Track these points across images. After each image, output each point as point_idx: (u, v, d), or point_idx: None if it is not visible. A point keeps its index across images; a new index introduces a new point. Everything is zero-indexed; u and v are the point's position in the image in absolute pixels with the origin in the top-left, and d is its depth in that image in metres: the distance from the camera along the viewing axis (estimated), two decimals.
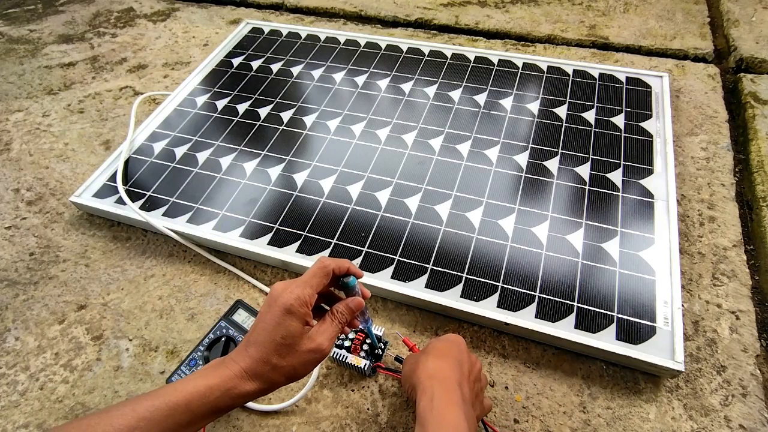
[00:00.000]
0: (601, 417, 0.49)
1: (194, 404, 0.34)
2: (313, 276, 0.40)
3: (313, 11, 1.10)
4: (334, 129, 0.76)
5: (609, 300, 0.54)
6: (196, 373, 0.37)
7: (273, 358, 0.36)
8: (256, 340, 0.37)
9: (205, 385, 0.35)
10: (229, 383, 0.36)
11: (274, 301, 0.38)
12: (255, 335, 0.37)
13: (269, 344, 0.36)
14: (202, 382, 0.35)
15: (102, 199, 0.69)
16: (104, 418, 0.32)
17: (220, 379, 0.36)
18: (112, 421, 0.32)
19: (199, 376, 0.36)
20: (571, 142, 0.71)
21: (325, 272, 0.40)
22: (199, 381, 0.35)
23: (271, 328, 0.37)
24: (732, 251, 0.61)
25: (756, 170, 0.68)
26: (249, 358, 0.37)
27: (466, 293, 0.56)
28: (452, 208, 0.64)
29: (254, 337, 0.37)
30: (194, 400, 0.34)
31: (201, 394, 0.35)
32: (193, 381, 0.35)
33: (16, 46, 1.05)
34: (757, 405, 0.49)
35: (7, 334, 0.59)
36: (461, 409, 0.37)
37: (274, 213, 0.65)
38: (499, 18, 1.01)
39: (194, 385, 0.35)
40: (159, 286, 0.62)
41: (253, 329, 0.38)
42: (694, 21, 0.96)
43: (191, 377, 0.36)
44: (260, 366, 0.36)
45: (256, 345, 0.37)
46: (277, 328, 0.37)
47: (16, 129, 0.86)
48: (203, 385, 0.35)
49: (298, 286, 0.38)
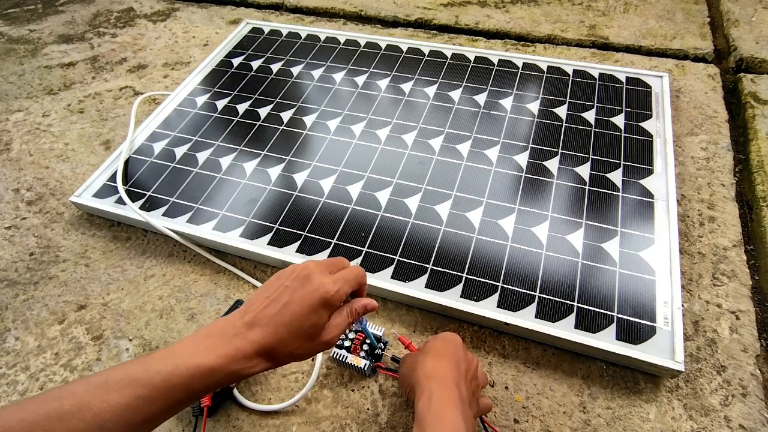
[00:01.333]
0: (601, 417, 0.49)
1: (195, 384, 0.32)
2: (354, 278, 0.39)
3: (313, 11, 1.10)
4: (334, 129, 0.76)
5: (609, 300, 0.54)
6: (199, 344, 0.34)
7: (293, 344, 0.35)
8: (281, 320, 0.35)
9: (209, 366, 0.33)
10: (236, 365, 0.34)
11: (310, 284, 0.36)
12: (280, 315, 0.35)
13: (294, 330, 0.35)
14: (205, 362, 0.33)
15: (102, 199, 0.69)
16: (100, 392, 0.31)
17: (227, 360, 0.33)
18: (109, 397, 0.30)
19: (202, 352, 0.33)
20: (571, 142, 0.71)
21: (362, 282, 0.40)
22: (202, 359, 0.33)
23: (302, 314, 0.35)
24: (732, 251, 0.61)
25: (756, 170, 0.68)
26: (265, 339, 0.34)
27: (466, 293, 0.56)
28: (452, 208, 0.64)
29: (278, 317, 0.35)
30: (195, 380, 0.32)
31: (203, 374, 0.33)
32: (196, 357, 0.33)
33: (16, 46, 1.05)
34: (757, 405, 0.49)
35: (7, 334, 0.59)
36: (459, 409, 0.37)
37: (274, 213, 0.65)
38: (499, 18, 1.01)
39: (197, 365, 0.33)
40: (159, 286, 0.62)
41: (274, 302, 0.36)
42: (694, 21, 0.96)
43: (193, 349, 0.34)
44: (277, 349, 0.35)
45: (277, 326, 0.35)
46: (308, 316, 0.35)
47: (16, 129, 0.86)
48: (206, 366, 0.33)
49: (339, 281, 0.37)
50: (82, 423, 0.29)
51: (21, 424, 0.28)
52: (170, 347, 0.34)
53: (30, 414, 0.29)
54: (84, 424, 0.29)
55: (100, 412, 0.30)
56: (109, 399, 0.30)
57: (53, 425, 0.29)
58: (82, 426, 0.29)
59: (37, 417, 0.29)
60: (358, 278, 0.40)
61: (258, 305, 0.36)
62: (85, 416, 0.29)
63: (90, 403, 0.30)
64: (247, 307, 0.37)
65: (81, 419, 0.29)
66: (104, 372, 0.32)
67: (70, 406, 0.30)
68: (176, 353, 0.33)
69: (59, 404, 0.30)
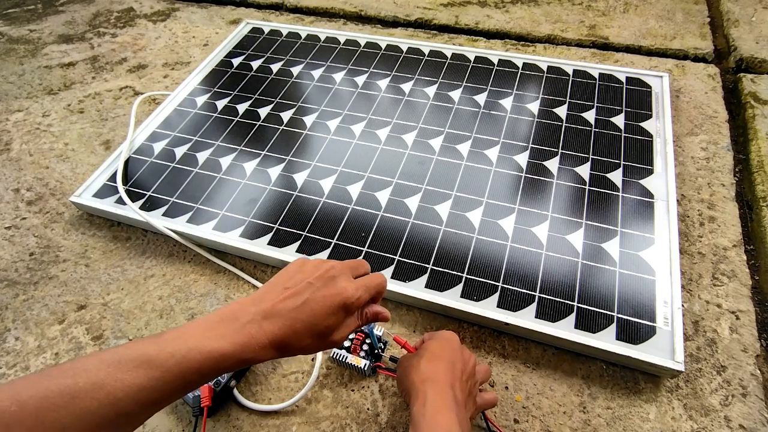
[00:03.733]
0: (601, 417, 0.49)
1: (206, 369, 0.32)
2: (375, 286, 0.40)
3: (313, 11, 1.10)
4: (334, 129, 0.76)
5: (609, 300, 0.54)
6: (211, 328, 0.34)
7: (306, 340, 0.36)
8: (299, 316, 0.35)
9: (221, 353, 0.33)
10: (249, 353, 0.34)
11: (334, 286, 0.37)
12: (298, 311, 0.35)
13: (310, 328, 0.35)
14: (218, 348, 0.33)
15: (102, 199, 0.69)
16: (113, 371, 0.30)
17: (240, 347, 0.33)
18: (123, 376, 0.30)
19: (215, 337, 0.33)
20: (571, 142, 0.71)
21: (381, 291, 0.41)
22: (215, 344, 0.33)
23: (321, 315, 0.36)
24: (732, 251, 0.61)
25: (756, 170, 0.68)
26: (281, 331, 0.35)
27: (466, 293, 0.56)
28: (452, 208, 0.64)
29: (296, 312, 0.35)
30: (207, 365, 0.32)
31: (216, 359, 0.32)
32: (209, 342, 0.33)
33: (16, 46, 1.05)
34: (757, 405, 0.49)
35: (7, 334, 0.59)
36: (453, 412, 0.37)
37: (274, 213, 0.65)
38: (499, 18, 1.01)
39: (209, 350, 0.32)
40: (159, 286, 0.62)
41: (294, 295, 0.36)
42: (694, 21, 0.96)
43: (206, 333, 0.33)
44: (290, 343, 0.35)
45: (294, 321, 0.35)
46: (327, 317, 0.36)
47: (16, 129, 0.86)
48: (219, 352, 0.33)
49: (360, 288, 0.38)
50: (95, 402, 0.29)
51: (33, 400, 0.28)
52: (182, 328, 0.34)
53: (43, 390, 0.29)
54: (97, 403, 0.29)
55: (113, 390, 0.30)
56: (123, 378, 0.30)
57: (66, 403, 0.28)
58: (95, 405, 0.29)
59: (50, 393, 0.28)
60: (378, 287, 0.41)
61: (275, 296, 0.37)
62: (98, 395, 0.29)
63: (104, 381, 0.30)
64: (263, 295, 0.37)
65: (94, 398, 0.29)
66: (116, 350, 0.32)
67: (84, 383, 0.29)
68: (189, 336, 0.33)
69: (73, 381, 0.29)
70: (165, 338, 0.33)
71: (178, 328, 0.35)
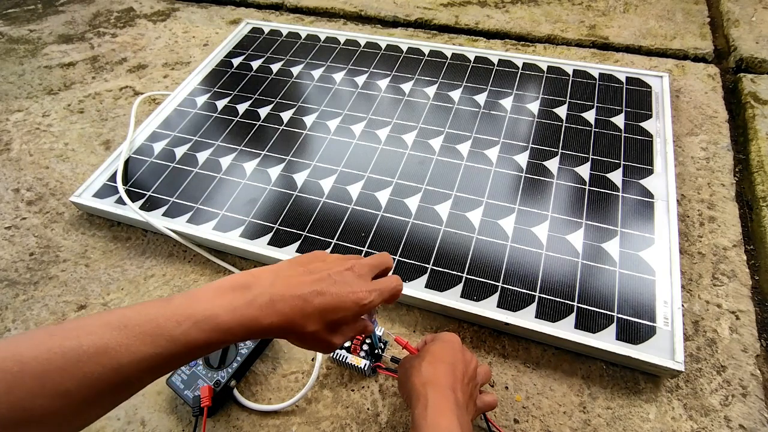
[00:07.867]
0: (601, 417, 0.49)
1: (213, 341, 0.32)
2: (389, 291, 0.39)
3: (313, 11, 1.10)
4: (334, 129, 0.76)
5: (609, 300, 0.54)
6: (221, 296, 0.34)
7: (314, 326, 0.35)
8: (310, 301, 0.35)
9: (228, 326, 0.32)
10: (255, 332, 0.33)
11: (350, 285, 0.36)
12: (312, 296, 0.35)
13: (320, 313, 0.35)
14: (226, 321, 0.32)
15: (102, 199, 0.69)
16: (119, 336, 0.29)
17: (248, 323, 0.33)
18: (128, 342, 0.29)
19: (224, 307, 0.33)
20: (571, 142, 0.71)
21: (396, 296, 0.41)
22: (223, 318, 0.32)
23: (330, 309, 0.35)
24: (732, 251, 0.61)
25: (756, 170, 0.68)
26: (291, 314, 0.34)
27: (466, 293, 0.56)
28: (452, 208, 0.64)
29: (310, 297, 0.35)
30: (214, 338, 0.32)
31: (223, 332, 0.32)
32: (216, 314, 0.32)
33: (16, 46, 1.05)
34: (757, 405, 0.49)
35: (7, 334, 0.59)
36: (455, 415, 0.37)
37: (274, 213, 0.65)
38: (499, 18, 1.01)
39: (217, 323, 0.32)
40: (159, 286, 0.62)
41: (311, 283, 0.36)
42: (694, 21, 0.96)
43: (215, 302, 0.33)
44: (296, 329, 0.35)
45: (306, 304, 0.35)
46: (336, 311, 0.36)
47: (16, 129, 0.86)
48: (226, 326, 0.32)
49: (374, 293, 0.38)
50: (99, 367, 0.28)
51: (35, 361, 0.27)
52: (192, 292, 0.34)
53: (45, 351, 0.28)
54: (101, 368, 0.28)
55: (117, 356, 0.29)
56: (129, 345, 0.29)
57: (70, 366, 0.28)
58: (99, 370, 0.28)
59: (53, 355, 0.28)
60: (393, 292, 0.40)
61: (293, 273, 0.36)
62: (102, 360, 0.29)
63: (108, 345, 0.29)
64: (279, 270, 0.37)
65: (98, 363, 0.28)
66: (123, 312, 0.31)
67: (88, 347, 0.29)
68: (198, 300, 0.33)
69: (77, 343, 0.29)
70: (174, 303, 0.32)
71: (188, 291, 0.34)
